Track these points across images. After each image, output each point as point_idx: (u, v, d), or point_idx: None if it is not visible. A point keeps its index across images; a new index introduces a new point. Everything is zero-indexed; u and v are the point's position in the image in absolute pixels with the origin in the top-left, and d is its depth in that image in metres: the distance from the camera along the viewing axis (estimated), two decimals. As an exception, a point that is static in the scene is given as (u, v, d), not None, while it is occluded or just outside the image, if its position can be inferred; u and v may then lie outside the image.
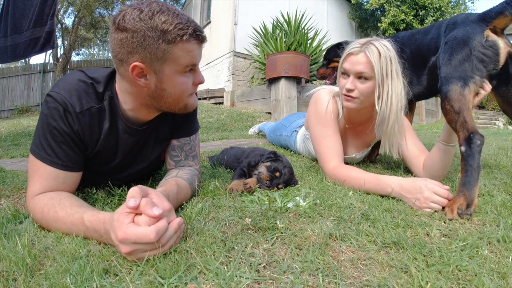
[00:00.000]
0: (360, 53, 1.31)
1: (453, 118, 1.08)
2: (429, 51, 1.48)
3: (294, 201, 1.03)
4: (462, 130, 1.05)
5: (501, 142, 2.96)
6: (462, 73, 1.10)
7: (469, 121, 1.05)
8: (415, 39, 1.60)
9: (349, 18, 9.86)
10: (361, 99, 1.36)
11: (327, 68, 2.37)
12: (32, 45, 3.06)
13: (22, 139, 3.81)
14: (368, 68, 1.30)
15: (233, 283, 0.58)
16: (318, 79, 2.44)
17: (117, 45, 0.85)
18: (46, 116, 0.89)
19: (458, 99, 1.07)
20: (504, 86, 1.22)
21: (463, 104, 1.06)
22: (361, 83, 1.33)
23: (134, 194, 0.69)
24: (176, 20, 0.83)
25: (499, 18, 1.09)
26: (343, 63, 1.38)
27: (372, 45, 1.29)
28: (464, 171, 1.01)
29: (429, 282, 0.59)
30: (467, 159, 1.01)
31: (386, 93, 1.31)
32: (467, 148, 1.02)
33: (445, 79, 1.14)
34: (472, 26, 1.14)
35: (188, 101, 0.98)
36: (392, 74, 1.30)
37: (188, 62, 0.89)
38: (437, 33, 1.42)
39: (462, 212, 0.94)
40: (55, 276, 0.60)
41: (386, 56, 1.28)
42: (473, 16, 1.19)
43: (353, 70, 1.33)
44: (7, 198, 1.19)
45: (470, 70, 1.09)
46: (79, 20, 12.81)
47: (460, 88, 1.08)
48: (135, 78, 0.87)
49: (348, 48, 1.37)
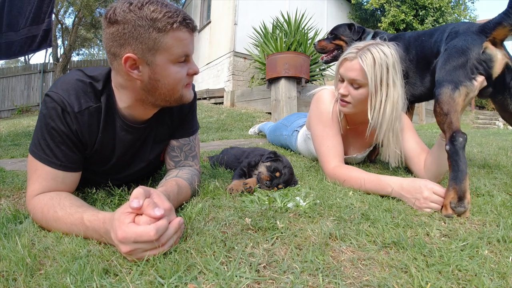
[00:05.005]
0: (354, 59, 1.30)
1: (442, 120, 1.13)
2: (432, 53, 1.50)
3: (294, 201, 1.03)
4: (448, 130, 1.10)
5: (501, 142, 2.96)
6: (454, 77, 1.14)
7: (455, 122, 1.09)
8: (421, 41, 1.61)
9: (349, 18, 9.86)
10: (354, 105, 1.37)
11: (330, 42, 2.20)
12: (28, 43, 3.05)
13: (22, 139, 3.81)
14: (360, 76, 1.29)
15: (233, 283, 0.58)
16: (317, 50, 2.34)
17: (109, 39, 0.86)
18: (45, 116, 0.89)
19: (448, 102, 1.12)
20: (500, 95, 1.27)
21: (451, 107, 1.11)
22: (355, 89, 1.34)
23: (138, 195, 0.69)
24: (165, 9, 0.84)
25: (498, 29, 1.12)
26: (339, 68, 1.39)
27: (368, 51, 1.28)
28: (451, 167, 1.05)
29: (429, 282, 0.59)
30: (451, 155, 1.06)
31: (380, 101, 1.30)
32: (451, 146, 1.06)
33: (438, 82, 1.18)
34: (473, 37, 1.17)
35: (183, 92, 0.97)
36: (388, 82, 1.29)
37: (181, 51, 0.89)
38: (440, 37, 1.44)
39: (455, 205, 0.96)
40: (55, 276, 0.60)
41: (382, 63, 1.26)
42: (474, 27, 1.21)
43: (346, 76, 1.34)
44: (7, 198, 1.19)
45: (463, 76, 1.13)
46: (79, 20, 12.81)
47: (451, 91, 1.12)
48: (128, 70, 0.87)
49: (345, 52, 1.38)
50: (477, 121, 9.10)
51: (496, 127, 8.07)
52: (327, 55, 2.23)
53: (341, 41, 2.13)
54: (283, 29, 6.11)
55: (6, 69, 12.03)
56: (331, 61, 2.21)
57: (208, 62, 8.66)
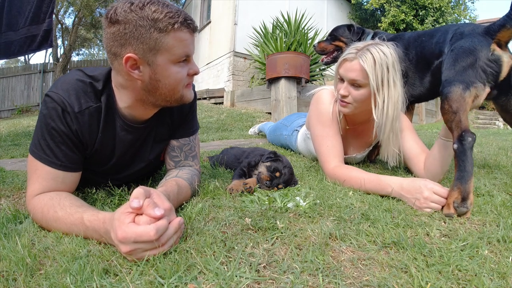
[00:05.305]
0: (354, 60, 1.31)
1: (450, 118, 1.11)
2: (433, 54, 1.50)
3: (294, 201, 1.03)
4: (456, 129, 1.09)
5: (501, 142, 2.96)
6: (465, 77, 1.13)
7: (464, 121, 1.09)
8: (421, 41, 1.61)
9: (349, 18, 9.85)
10: (354, 105, 1.37)
11: (330, 44, 2.21)
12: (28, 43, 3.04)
13: (22, 139, 3.81)
14: (361, 76, 1.30)
15: (233, 283, 0.58)
16: (317, 52, 2.35)
17: (110, 39, 0.86)
18: (45, 116, 0.89)
19: (458, 100, 1.11)
20: (504, 96, 1.27)
21: (461, 105, 1.10)
22: (355, 89, 1.34)
23: (138, 195, 0.69)
24: (166, 10, 0.84)
25: (502, 31, 1.13)
26: (338, 68, 1.39)
27: (368, 51, 1.28)
28: (458, 167, 1.04)
29: (429, 282, 0.59)
30: (459, 155, 1.05)
31: (382, 101, 1.31)
32: (459, 145, 1.05)
33: (447, 82, 1.17)
34: (479, 38, 1.17)
35: (184, 92, 0.97)
36: (388, 83, 1.29)
37: (181, 51, 0.89)
38: (442, 38, 1.44)
39: (458, 205, 0.96)
40: (55, 276, 0.60)
41: (382, 63, 1.27)
42: (479, 29, 1.21)
43: (346, 76, 1.34)
44: (7, 198, 1.19)
45: (474, 77, 1.13)
46: (79, 20, 12.81)
47: (462, 91, 1.11)
48: (129, 70, 0.87)
49: (344, 53, 1.38)
50: (477, 121, 9.09)
51: (496, 127, 8.07)
52: (327, 56, 2.24)
53: (341, 42, 2.13)
54: (283, 29, 6.11)
55: (6, 69, 12.03)
56: (332, 62, 2.22)
57: (208, 62, 8.66)
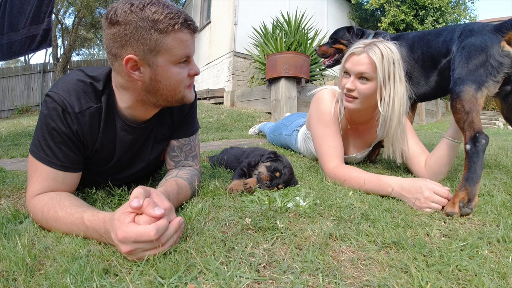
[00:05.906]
0: (363, 53, 1.31)
1: (462, 118, 1.11)
2: (440, 53, 1.50)
3: (294, 201, 1.03)
4: (469, 129, 1.09)
5: (501, 142, 2.96)
6: (477, 77, 1.13)
7: (477, 122, 1.09)
8: (427, 40, 1.61)
9: (349, 18, 9.86)
10: (360, 100, 1.36)
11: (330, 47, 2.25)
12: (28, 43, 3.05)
13: (22, 139, 3.81)
14: (369, 69, 1.30)
15: (233, 283, 0.58)
16: (318, 56, 2.38)
17: (110, 40, 0.85)
18: (45, 117, 0.89)
19: (470, 101, 1.11)
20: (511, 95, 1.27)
21: (474, 106, 1.10)
22: (362, 83, 1.33)
23: (138, 195, 0.69)
24: (166, 10, 0.84)
25: None
26: (345, 63, 1.38)
27: (375, 46, 1.29)
28: (468, 168, 1.04)
29: (429, 282, 0.59)
30: (471, 156, 1.05)
31: (388, 95, 1.31)
32: (472, 146, 1.05)
33: (460, 80, 1.17)
34: (490, 35, 1.18)
35: (185, 93, 0.97)
36: (395, 77, 1.30)
37: (182, 52, 0.89)
38: (450, 37, 1.44)
39: (463, 205, 0.96)
40: (55, 276, 0.60)
41: (389, 58, 1.28)
42: (489, 26, 1.22)
43: (354, 70, 1.33)
44: (7, 198, 1.19)
45: (485, 75, 1.13)
46: (79, 20, 12.81)
47: (474, 91, 1.11)
48: (129, 72, 0.87)
49: (351, 48, 1.38)
50: (477, 121, 9.07)
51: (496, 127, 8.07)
52: (329, 59, 2.26)
53: (341, 45, 2.15)
54: (283, 29, 6.11)
55: (6, 69, 12.02)
56: (333, 65, 2.23)
57: (208, 62, 8.65)
